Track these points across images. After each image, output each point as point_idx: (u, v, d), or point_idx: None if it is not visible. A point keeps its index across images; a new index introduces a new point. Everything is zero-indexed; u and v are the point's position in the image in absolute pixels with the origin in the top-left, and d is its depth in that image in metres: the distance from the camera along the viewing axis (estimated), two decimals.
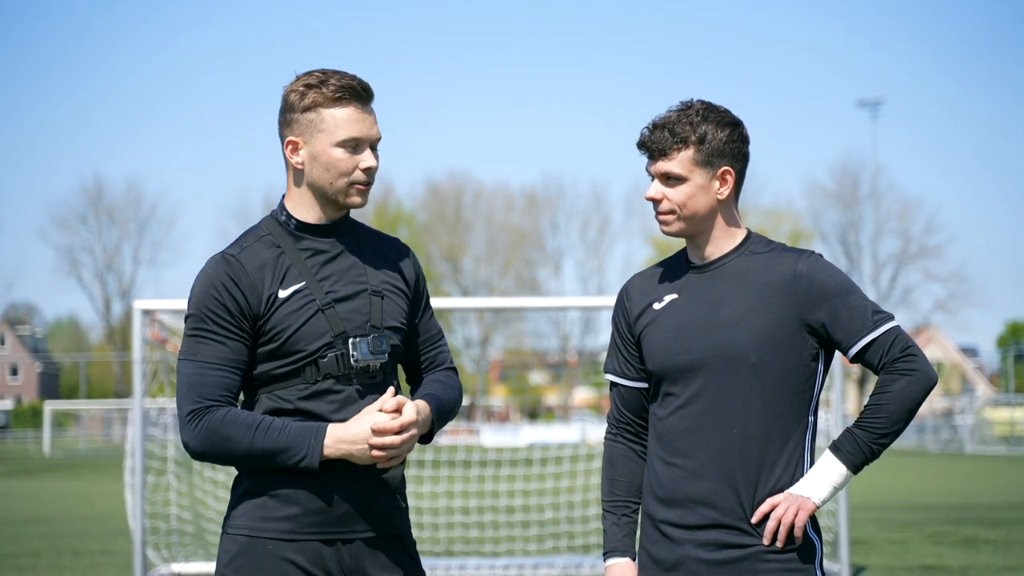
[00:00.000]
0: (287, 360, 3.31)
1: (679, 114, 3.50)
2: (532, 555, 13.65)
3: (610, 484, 3.65)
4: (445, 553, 14.02)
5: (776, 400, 3.42)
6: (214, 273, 3.33)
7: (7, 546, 15.33)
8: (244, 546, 3.32)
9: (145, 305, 11.80)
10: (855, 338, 3.42)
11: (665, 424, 3.50)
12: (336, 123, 3.33)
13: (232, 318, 3.29)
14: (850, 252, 76.88)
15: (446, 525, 15.71)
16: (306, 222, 3.40)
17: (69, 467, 40.60)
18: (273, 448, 3.24)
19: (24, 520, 19.32)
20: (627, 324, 3.62)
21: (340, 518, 3.32)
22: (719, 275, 3.52)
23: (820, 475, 3.42)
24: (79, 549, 14.90)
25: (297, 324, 3.30)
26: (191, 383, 3.29)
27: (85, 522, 18.70)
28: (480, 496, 17.14)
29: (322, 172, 3.35)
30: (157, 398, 13.57)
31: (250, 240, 3.39)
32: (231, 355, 3.30)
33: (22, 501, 24.13)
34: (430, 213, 78.81)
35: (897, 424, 3.41)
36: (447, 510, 16.39)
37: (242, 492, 3.36)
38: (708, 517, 3.42)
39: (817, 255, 3.51)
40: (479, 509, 16.53)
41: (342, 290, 3.36)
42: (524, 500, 15.76)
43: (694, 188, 3.48)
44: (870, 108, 70.01)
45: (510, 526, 15.48)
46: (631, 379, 3.62)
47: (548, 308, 67.38)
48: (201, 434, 3.27)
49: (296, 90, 3.35)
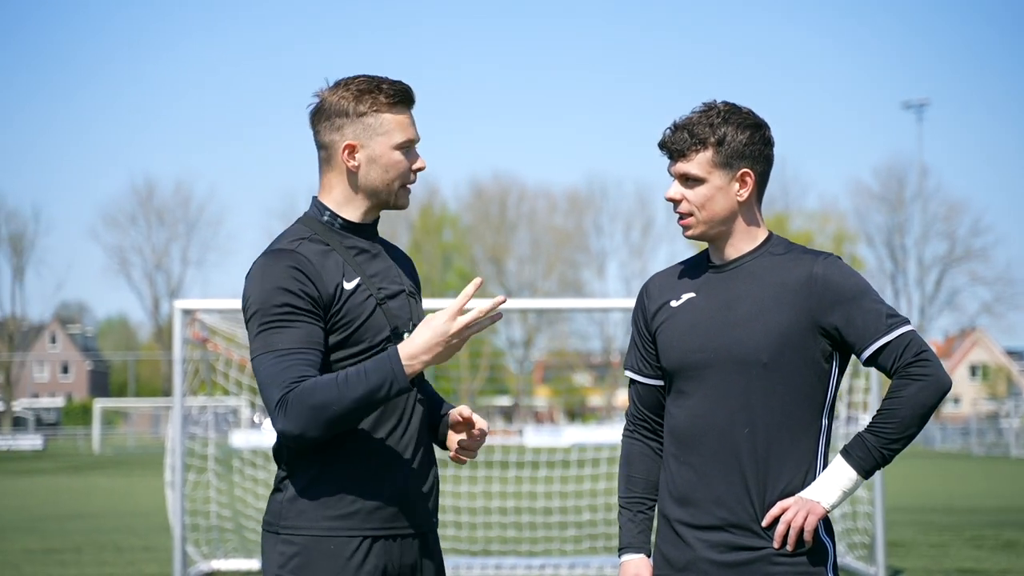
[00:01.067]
0: (351, 351, 3.31)
1: (700, 115, 3.49)
2: (569, 555, 13.64)
3: (627, 481, 3.65)
4: (483, 552, 14.05)
5: (787, 401, 3.40)
6: (276, 266, 3.27)
7: (52, 541, 15.50)
8: (303, 546, 3.28)
9: (185, 305, 11.90)
10: (868, 341, 3.39)
11: (678, 422, 3.50)
12: (395, 126, 3.40)
13: (303, 303, 3.24)
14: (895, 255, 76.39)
15: (484, 525, 15.73)
16: (351, 220, 3.44)
17: (117, 464, 40.99)
18: (362, 393, 3.15)
19: (70, 516, 19.54)
20: (645, 321, 3.63)
21: (395, 514, 3.34)
22: (736, 275, 3.51)
23: (830, 479, 3.39)
24: (121, 545, 15.04)
25: (363, 316, 3.32)
26: (272, 373, 3.19)
27: (129, 518, 18.88)
28: (518, 497, 17.16)
29: (381, 174, 3.40)
30: (198, 396, 13.68)
31: (295, 237, 3.38)
32: (309, 336, 3.23)
33: (69, 497, 24.41)
34: (474, 215, 78.95)
35: (909, 429, 3.38)
36: (485, 510, 16.42)
37: (294, 490, 3.32)
38: (719, 517, 3.41)
39: (834, 257, 3.49)
40: (517, 510, 16.55)
41: (388, 288, 3.42)
42: (562, 501, 15.76)
43: (712, 190, 3.47)
44: (915, 110, 69.49)
45: (547, 527, 15.50)
46: (648, 376, 3.62)
47: (591, 309, 67.24)
48: (293, 413, 3.15)
49: (347, 96, 3.38)
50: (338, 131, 3.41)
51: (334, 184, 3.46)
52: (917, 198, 74.41)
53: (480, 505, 16.21)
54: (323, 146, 3.45)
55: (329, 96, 3.42)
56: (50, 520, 18.68)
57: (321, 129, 3.44)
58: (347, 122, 3.40)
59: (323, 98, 3.43)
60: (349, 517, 3.30)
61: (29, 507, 21.58)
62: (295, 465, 3.34)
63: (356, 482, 3.31)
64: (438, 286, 74.77)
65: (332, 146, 3.42)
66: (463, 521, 15.50)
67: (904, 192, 75.28)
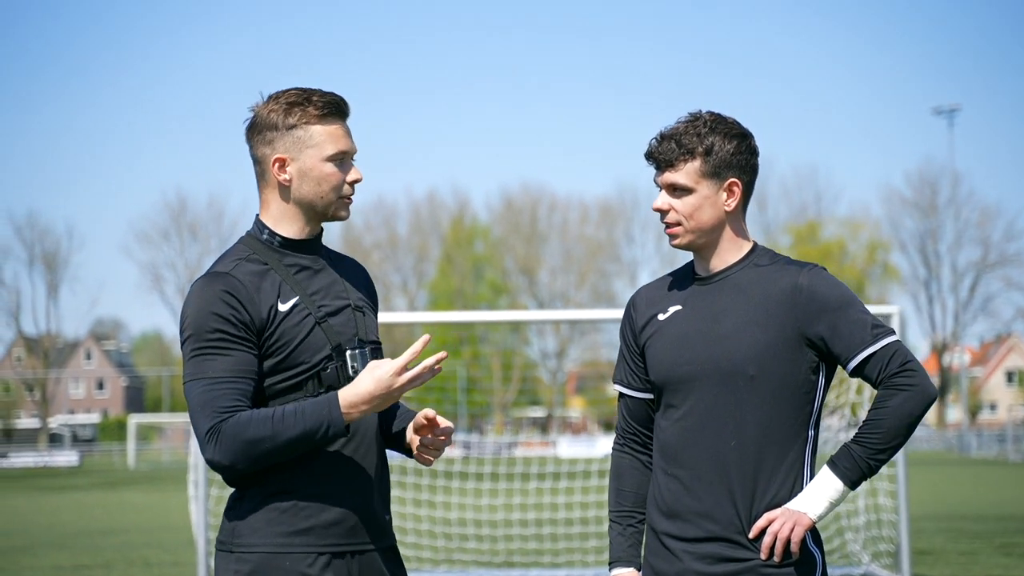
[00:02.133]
0: (289, 373, 3.30)
1: (686, 125, 3.49)
2: (591, 566, 13.62)
3: (617, 495, 3.65)
4: (504, 564, 14.04)
5: (774, 413, 3.40)
6: (209, 290, 3.27)
7: (82, 557, 15.60)
8: (258, 564, 3.27)
9: None
10: (854, 352, 3.38)
11: (666, 435, 3.50)
12: (325, 138, 3.37)
13: (236, 330, 3.24)
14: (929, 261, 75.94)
15: (505, 537, 15.73)
16: (290, 238, 3.41)
17: (151, 479, 41.20)
18: (296, 434, 3.18)
19: (102, 531, 19.65)
20: (633, 335, 3.63)
21: (351, 530, 3.33)
22: (722, 287, 3.51)
23: (817, 490, 3.39)
24: (151, 560, 15.13)
25: (299, 337, 3.30)
26: (203, 401, 3.21)
27: (160, 533, 18.97)
28: (540, 508, 17.14)
29: (313, 187, 3.37)
30: None
31: (235, 259, 3.37)
32: (241, 365, 3.24)
33: (103, 512, 24.55)
34: (505, 226, 78.94)
35: (895, 439, 3.37)
36: (506, 523, 16.42)
37: (248, 508, 3.31)
38: (707, 530, 3.41)
39: (820, 268, 3.48)
40: (538, 522, 16.53)
41: (330, 304, 3.39)
42: (582, 512, 15.75)
43: (700, 199, 3.47)
44: (946, 116, 69.05)
45: (568, 538, 15.48)
46: (637, 390, 3.62)
47: None
48: (223, 445, 3.17)
49: (277, 109, 3.37)
50: (269, 145, 3.38)
51: (270, 200, 3.43)
52: (950, 204, 73.98)
53: (502, 517, 16.21)
54: (257, 161, 3.43)
55: (261, 110, 3.41)
56: (82, 536, 18.79)
57: (254, 144, 3.41)
58: (277, 136, 3.37)
59: (256, 112, 3.41)
60: (304, 533, 3.29)
61: (62, 523, 21.72)
62: (248, 483, 3.32)
63: (310, 498, 3.30)
64: (470, 298, 74.83)
65: (264, 160, 3.40)
66: (484, 534, 15.50)
67: (937, 198, 74.86)
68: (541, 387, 76.47)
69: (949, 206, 74.04)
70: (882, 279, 74.12)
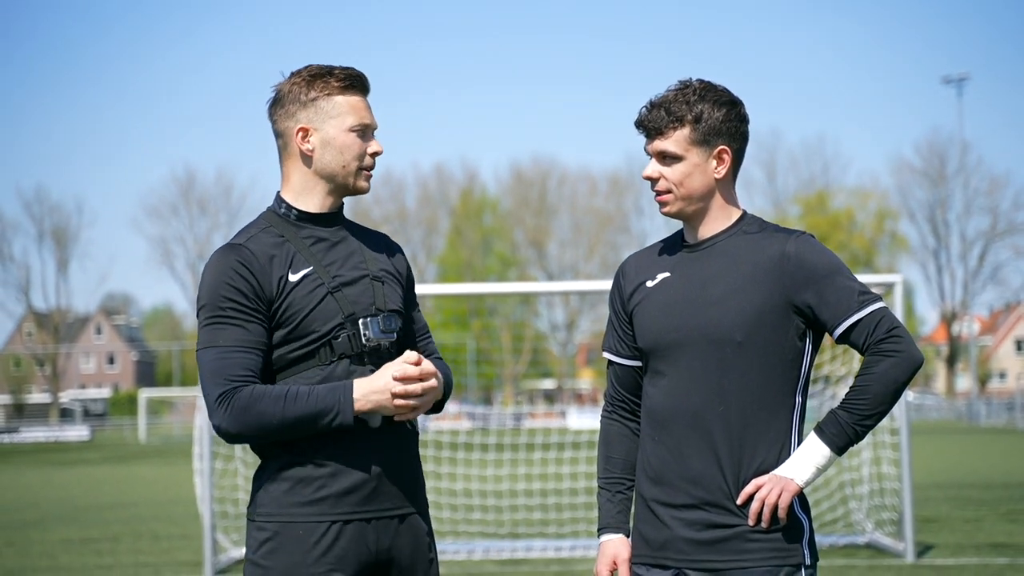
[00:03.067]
0: (302, 342, 3.37)
1: (676, 93, 3.49)
2: (595, 536, 13.63)
3: (605, 462, 3.68)
4: (510, 535, 14.10)
5: (762, 380, 3.41)
6: (224, 261, 3.38)
7: (91, 531, 15.68)
8: (274, 532, 3.36)
9: None
10: (840, 319, 3.39)
11: (654, 401, 3.51)
12: (347, 109, 3.45)
13: (248, 302, 3.34)
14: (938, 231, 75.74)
15: (510, 507, 15.78)
16: (307, 211, 3.48)
17: (162, 453, 41.34)
18: (306, 413, 3.28)
19: (111, 505, 19.75)
20: (621, 302, 3.65)
21: (367, 497, 3.38)
22: (710, 254, 3.51)
23: (804, 457, 3.40)
24: (159, 533, 15.20)
25: (310, 306, 3.37)
26: (214, 369, 3.31)
27: (168, 506, 19.06)
28: (544, 479, 17.19)
29: (335, 156, 3.45)
30: None
31: (253, 231, 3.46)
32: (251, 337, 3.33)
33: (112, 487, 24.66)
34: (515, 198, 78.88)
35: (881, 406, 3.38)
36: (511, 492, 16.47)
37: (267, 478, 3.40)
38: (694, 496, 3.43)
39: (807, 236, 3.48)
40: (543, 492, 16.58)
41: (346, 275, 3.45)
42: (587, 482, 15.78)
43: (690, 167, 3.47)
44: (955, 85, 68.76)
45: (573, 508, 15.52)
46: (625, 357, 3.64)
47: None
48: (233, 414, 3.28)
49: (299, 82, 3.46)
50: (292, 117, 3.47)
51: (292, 172, 3.52)
52: (959, 173, 73.73)
53: (507, 488, 16.26)
54: (279, 134, 3.51)
55: (283, 85, 3.50)
56: (91, 510, 18.89)
57: (277, 118, 3.50)
58: (300, 108, 3.46)
59: (278, 88, 3.50)
60: (317, 503, 3.35)
61: (72, 497, 21.83)
62: (268, 453, 3.41)
63: (327, 467, 3.36)
64: (480, 271, 74.86)
65: (287, 133, 3.49)
66: (490, 504, 15.55)
67: (945, 168, 74.63)
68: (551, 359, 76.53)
69: (958, 175, 73.84)
70: (891, 248, 73.98)
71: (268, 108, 3.52)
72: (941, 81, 70.13)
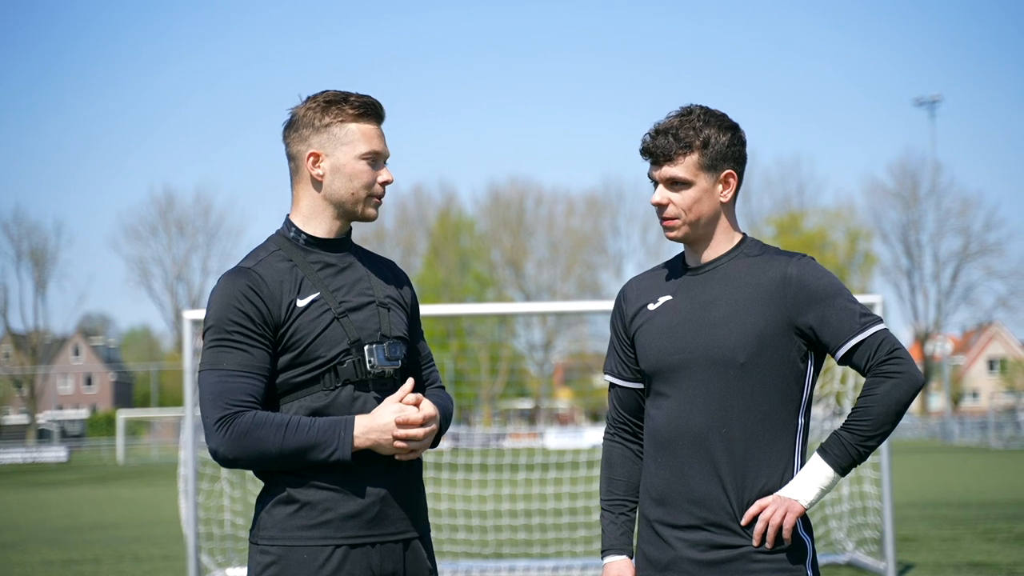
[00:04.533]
0: (307, 367, 3.37)
1: (681, 119, 3.51)
2: (580, 556, 13.64)
3: (608, 483, 3.67)
4: (494, 555, 14.06)
5: (764, 401, 3.42)
6: (233, 285, 3.37)
7: (72, 552, 15.55)
8: (278, 556, 3.34)
9: (196, 315, 11.94)
10: (842, 340, 3.40)
11: (657, 423, 3.51)
12: (360, 137, 3.45)
13: (255, 326, 3.33)
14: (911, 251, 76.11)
15: (495, 528, 15.75)
16: (315, 236, 3.48)
17: (140, 474, 41.10)
18: (305, 444, 3.28)
19: (91, 526, 19.60)
20: (623, 325, 3.65)
21: (371, 522, 3.37)
22: (712, 277, 3.53)
23: (808, 478, 3.41)
24: (140, 555, 15.09)
25: (316, 332, 3.36)
26: (216, 392, 3.30)
27: (149, 527, 18.93)
28: (529, 499, 17.17)
29: (344, 183, 3.45)
30: None
31: (262, 255, 3.46)
32: (255, 362, 3.33)
33: (92, 508, 24.48)
34: (492, 219, 78.96)
35: (883, 427, 3.39)
36: (496, 513, 16.44)
37: (271, 502, 3.38)
38: (698, 517, 3.43)
39: (808, 259, 3.50)
40: (527, 512, 16.56)
41: (353, 300, 3.44)
42: (571, 503, 15.78)
43: (699, 192, 3.49)
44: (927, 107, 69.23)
45: (557, 528, 15.50)
46: (627, 380, 3.64)
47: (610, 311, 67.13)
48: (232, 439, 3.27)
49: (314, 107, 3.46)
50: (304, 142, 3.47)
51: (302, 196, 3.52)
52: (931, 194, 74.17)
53: (491, 508, 16.22)
54: (291, 157, 3.52)
55: (299, 109, 3.50)
56: (71, 531, 18.74)
57: (290, 141, 3.51)
58: (313, 132, 3.46)
59: (294, 111, 3.51)
60: (322, 526, 3.34)
61: (51, 519, 21.65)
62: (271, 476, 3.40)
63: (328, 491, 3.34)
64: (457, 291, 74.84)
65: (299, 156, 3.49)
66: (474, 524, 15.51)
67: (918, 188, 75.09)
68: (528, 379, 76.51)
69: (930, 196, 74.30)
70: (863, 268, 74.33)
71: (283, 130, 3.52)
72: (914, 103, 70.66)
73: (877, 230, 75.79)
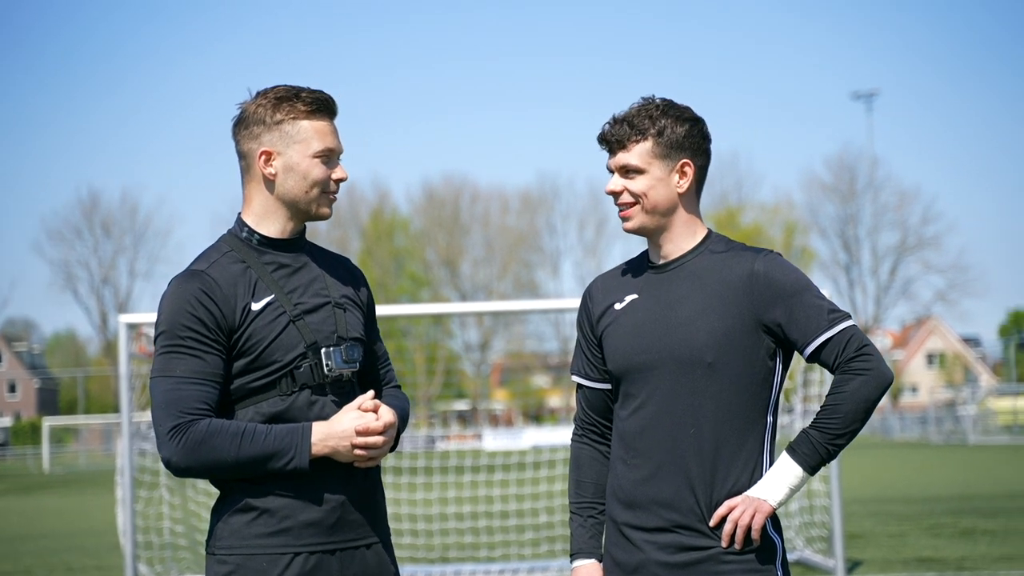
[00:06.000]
0: (263, 372, 3.34)
1: (639, 108, 3.54)
2: (527, 559, 13.66)
3: (576, 486, 3.68)
4: (440, 559, 14.04)
5: (733, 400, 3.44)
6: (185, 288, 3.33)
7: (1, 564, 15.32)
8: (236, 566, 3.31)
9: (130, 319, 11.83)
10: (810, 337, 3.42)
11: (625, 424, 3.52)
12: (312, 134, 3.40)
13: (208, 331, 3.30)
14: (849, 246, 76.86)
15: (441, 531, 15.72)
16: (268, 236, 3.44)
17: (68, 483, 40.56)
18: (261, 454, 3.25)
19: (20, 537, 19.31)
20: (590, 325, 3.65)
21: (331, 528, 3.35)
22: (678, 275, 3.53)
23: (777, 477, 3.43)
24: (73, 565, 14.90)
25: (271, 336, 3.34)
26: (168, 399, 3.27)
27: (81, 537, 18.70)
28: (475, 501, 17.17)
29: (297, 182, 3.40)
30: (147, 412, 13.60)
31: (214, 256, 3.41)
32: (208, 368, 3.30)
33: (19, 518, 24.12)
34: (427, 218, 78.81)
35: (852, 424, 3.42)
36: (442, 516, 16.42)
37: (228, 511, 3.36)
38: (667, 519, 3.44)
39: (775, 254, 3.52)
40: (474, 515, 16.55)
41: (308, 302, 3.41)
42: (519, 504, 15.80)
43: (653, 180, 3.50)
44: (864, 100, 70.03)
45: (504, 531, 15.50)
46: (595, 380, 3.65)
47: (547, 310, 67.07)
48: (185, 449, 3.24)
49: (265, 104, 3.41)
50: (255, 139, 3.42)
51: (254, 195, 3.47)
52: (868, 188, 75.01)
53: (436, 512, 16.21)
54: (242, 155, 3.47)
55: (249, 106, 3.44)
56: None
57: (240, 139, 3.45)
58: (264, 130, 3.41)
59: (243, 108, 3.45)
60: (279, 534, 3.32)
61: None
62: (228, 485, 3.38)
63: (288, 498, 3.33)
64: (392, 292, 74.63)
65: (250, 155, 3.44)
66: (419, 528, 15.48)
67: (856, 183, 75.87)
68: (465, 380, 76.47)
69: (867, 190, 75.11)
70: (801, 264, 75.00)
71: (232, 127, 3.46)
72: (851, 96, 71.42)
73: (815, 225, 76.50)
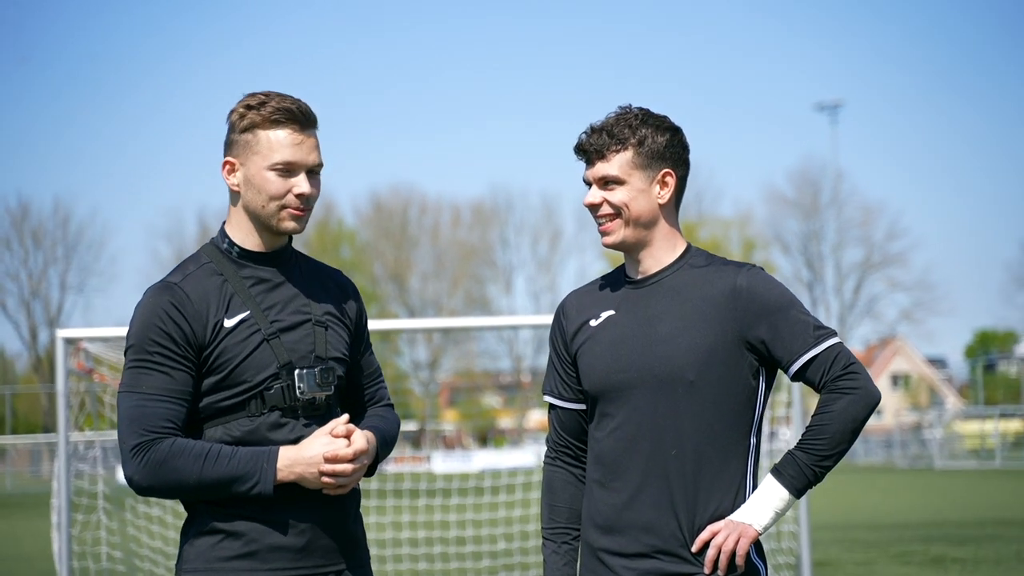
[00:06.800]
0: (232, 392, 3.33)
1: (618, 118, 3.53)
2: None
3: (550, 511, 3.66)
4: None
5: (715, 420, 3.43)
6: (157, 302, 3.32)
7: None
8: None
9: (68, 334, 11.70)
10: (796, 355, 3.43)
11: (602, 446, 3.51)
12: (270, 146, 3.37)
13: (177, 347, 3.29)
14: (812, 263, 77.30)
15: (393, 558, 15.63)
16: (248, 249, 3.43)
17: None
18: (225, 476, 3.25)
19: None
20: (564, 343, 3.63)
21: (298, 553, 3.34)
22: (656, 290, 3.53)
23: (762, 500, 3.42)
24: None
25: (243, 354, 3.32)
26: (133, 416, 3.27)
27: (11, 563, 18.46)
28: (429, 527, 17.11)
29: (254, 195, 3.39)
30: (85, 431, 13.47)
31: (191, 267, 3.40)
32: (176, 385, 3.29)
33: None
34: (374, 229, 78.60)
35: (840, 445, 3.42)
36: (395, 542, 16.33)
37: (194, 532, 3.36)
38: (647, 544, 3.43)
39: (757, 268, 3.52)
40: (428, 540, 16.48)
41: (286, 320, 3.39)
42: (475, 530, 15.75)
43: (633, 191, 3.49)
44: (828, 112, 70.57)
45: (461, 558, 15.45)
46: (569, 400, 3.63)
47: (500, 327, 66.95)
48: (147, 468, 3.25)
49: (237, 110, 3.41)
50: (226, 148, 3.44)
51: (230, 206, 3.48)
52: (832, 203, 75.46)
53: (389, 537, 16.13)
54: None
55: (232, 111, 3.44)
56: None
57: (224, 145, 3.46)
58: (232, 138, 3.42)
59: (229, 113, 3.45)
60: (247, 557, 3.32)
61: None
62: (196, 506, 3.37)
63: (257, 521, 3.32)
64: None
65: (223, 164, 3.46)
66: (372, 555, 15.40)
67: (819, 197, 76.28)
68: (413, 399, 76.18)
69: (831, 205, 75.54)
70: None
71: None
72: (815, 107, 71.96)
73: (777, 241, 76.82)
